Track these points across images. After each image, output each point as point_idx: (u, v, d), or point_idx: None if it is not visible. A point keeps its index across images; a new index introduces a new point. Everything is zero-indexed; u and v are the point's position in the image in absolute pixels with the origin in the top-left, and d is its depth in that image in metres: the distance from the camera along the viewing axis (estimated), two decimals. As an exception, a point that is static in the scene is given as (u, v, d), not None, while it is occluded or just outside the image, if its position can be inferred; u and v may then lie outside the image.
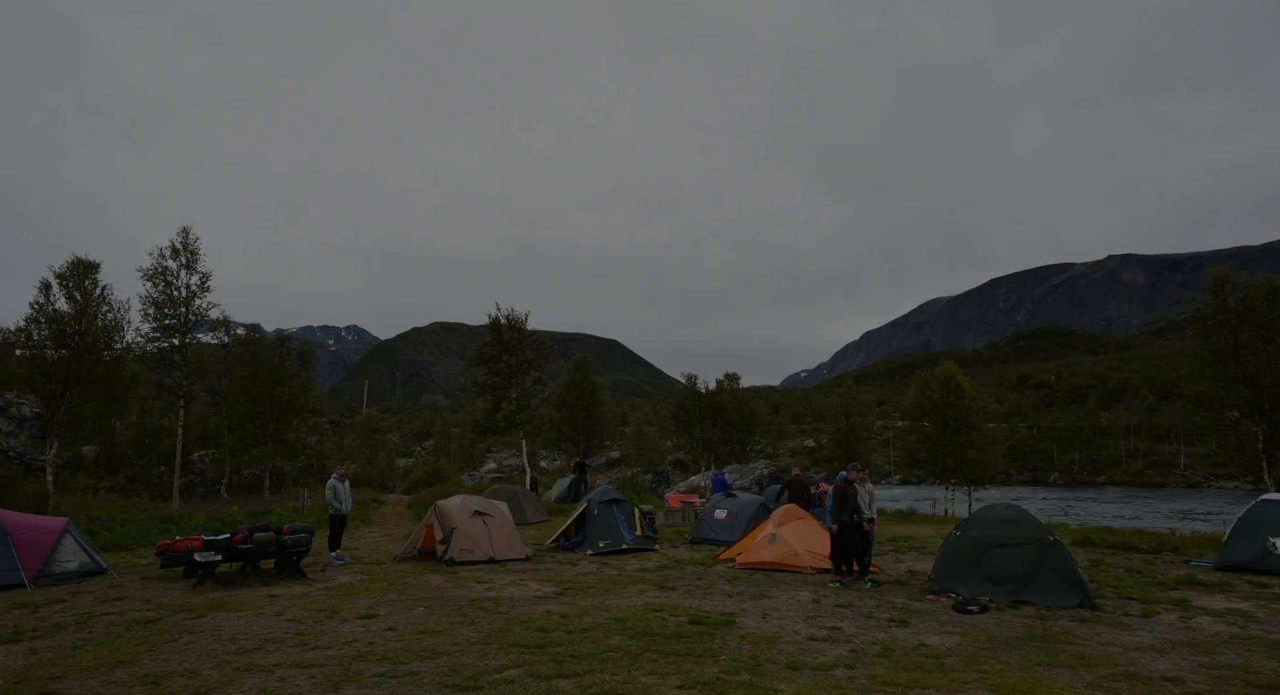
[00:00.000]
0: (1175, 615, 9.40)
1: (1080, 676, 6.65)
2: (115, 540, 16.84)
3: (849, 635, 8.26)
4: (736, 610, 9.65)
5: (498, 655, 7.33)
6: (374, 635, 8.32)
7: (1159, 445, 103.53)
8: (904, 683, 6.37)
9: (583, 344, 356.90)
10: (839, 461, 46.79)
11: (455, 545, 14.01)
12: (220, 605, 10.19)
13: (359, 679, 6.58)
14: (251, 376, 31.21)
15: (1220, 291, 25.43)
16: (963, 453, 37.95)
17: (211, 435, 32.45)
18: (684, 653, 7.36)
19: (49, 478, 20.80)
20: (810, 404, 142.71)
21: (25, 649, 7.88)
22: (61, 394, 20.88)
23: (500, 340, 36.45)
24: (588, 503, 17.02)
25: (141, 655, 7.53)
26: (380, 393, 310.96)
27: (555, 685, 6.30)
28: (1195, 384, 26.74)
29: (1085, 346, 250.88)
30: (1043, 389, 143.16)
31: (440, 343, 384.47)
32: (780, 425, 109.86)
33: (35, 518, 12.96)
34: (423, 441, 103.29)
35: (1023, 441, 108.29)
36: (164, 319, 25.19)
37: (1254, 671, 6.81)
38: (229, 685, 6.45)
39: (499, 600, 10.47)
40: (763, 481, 38.84)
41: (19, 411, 32.07)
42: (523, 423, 36.93)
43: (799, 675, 6.62)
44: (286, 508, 23.39)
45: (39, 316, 21.50)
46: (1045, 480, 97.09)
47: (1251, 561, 12.55)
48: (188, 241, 25.82)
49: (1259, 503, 13.33)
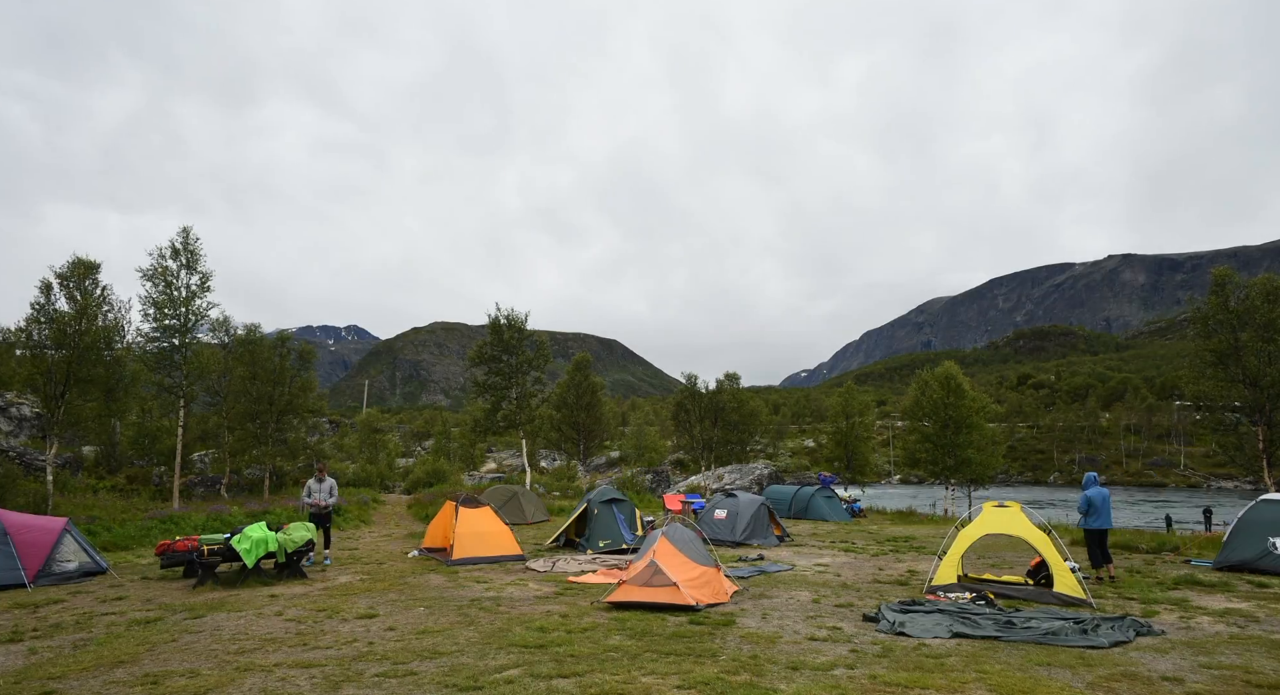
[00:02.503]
0: (1175, 615, 9.40)
1: (1080, 676, 6.65)
2: (115, 540, 16.83)
3: (849, 635, 8.26)
4: (736, 610, 9.65)
5: (498, 655, 7.33)
6: (374, 635, 8.32)
7: (1159, 445, 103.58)
8: (904, 683, 6.36)
9: (583, 344, 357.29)
10: (839, 461, 46.84)
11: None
12: (220, 605, 10.19)
13: (359, 679, 6.58)
14: (251, 376, 31.19)
15: (1220, 291, 25.41)
16: (963, 453, 37.98)
17: (211, 435, 32.42)
18: (684, 653, 7.36)
19: (49, 478, 20.78)
20: (810, 404, 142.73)
21: (25, 649, 7.88)
22: (61, 394, 20.86)
23: (500, 340, 36.48)
24: (588, 503, 17.05)
25: (141, 655, 7.53)
26: (380, 393, 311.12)
27: (555, 685, 6.30)
28: (1195, 384, 26.72)
29: (1085, 346, 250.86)
30: (1043, 389, 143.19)
31: (440, 343, 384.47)
32: (780, 425, 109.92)
33: (35, 518, 12.95)
34: (423, 441, 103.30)
35: (1023, 441, 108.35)
36: (164, 319, 25.18)
37: (1254, 671, 6.81)
38: (229, 685, 6.45)
39: (499, 600, 10.47)
40: (762, 481, 38.86)
41: (19, 411, 32.07)
42: (523, 423, 36.95)
43: (799, 675, 6.62)
44: (286, 508, 23.37)
45: (39, 317, 21.48)
46: (1045, 480, 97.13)
47: (1251, 561, 12.56)
48: (188, 242, 25.80)
49: (1259, 503, 13.34)
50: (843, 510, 25.96)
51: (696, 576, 10.12)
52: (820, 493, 26.12)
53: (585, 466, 47.44)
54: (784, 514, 24.37)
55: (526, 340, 36.87)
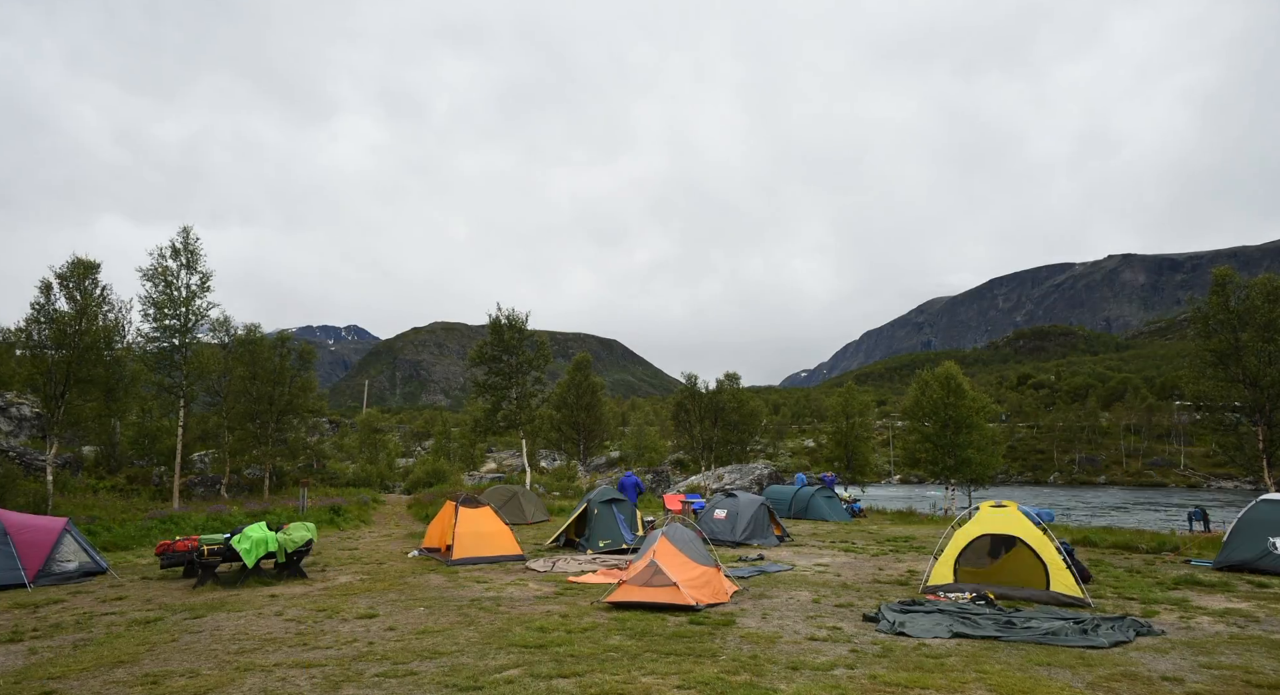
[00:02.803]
0: (1175, 615, 9.40)
1: (1080, 676, 6.65)
2: (115, 540, 16.85)
3: (849, 635, 8.26)
4: (736, 610, 9.65)
5: (498, 655, 7.33)
6: (374, 635, 8.32)
7: (1159, 445, 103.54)
8: (904, 683, 6.36)
9: (583, 344, 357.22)
10: (839, 461, 46.86)
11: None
12: (220, 605, 10.19)
13: (359, 679, 6.58)
14: (251, 376, 31.22)
15: (1220, 291, 25.42)
16: (963, 453, 37.98)
17: (211, 435, 32.41)
18: (684, 653, 7.36)
19: (49, 478, 20.79)
20: (810, 404, 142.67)
21: (25, 649, 7.89)
22: (61, 394, 20.87)
23: (500, 340, 36.51)
24: (588, 503, 17.05)
25: (141, 655, 7.53)
26: (380, 393, 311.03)
27: (555, 685, 6.30)
28: (1195, 384, 26.72)
29: (1085, 346, 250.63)
30: (1043, 389, 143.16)
31: (440, 343, 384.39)
32: (780, 425, 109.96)
33: (35, 518, 12.96)
34: (423, 441, 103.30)
35: (1023, 441, 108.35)
36: (164, 319, 25.19)
37: (1254, 671, 6.81)
38: (229, 685, 6.45)
39: (499, 600, 10.48)
40: (762, 481, 38.86)
41: (19, 411, 32.07)
42: (523, 423, 36.96)
43: (799, 675, 6.62)
44: (286, 508, 23.37)
45: (39, 317, 21.49)
46: (1045, 480, 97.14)
47: (1251, 561, 12.56)
48: (188, 242, 25.81)
49: (1259, 503, 13.33)
50: (843, 510, 25.95)
51: (696, 576, 10.12)
52: (820, 493, 26.11)
53: (585, 466, 47.46)
54: (784, 514, 24.36)
55: (526, 340, 36.90)
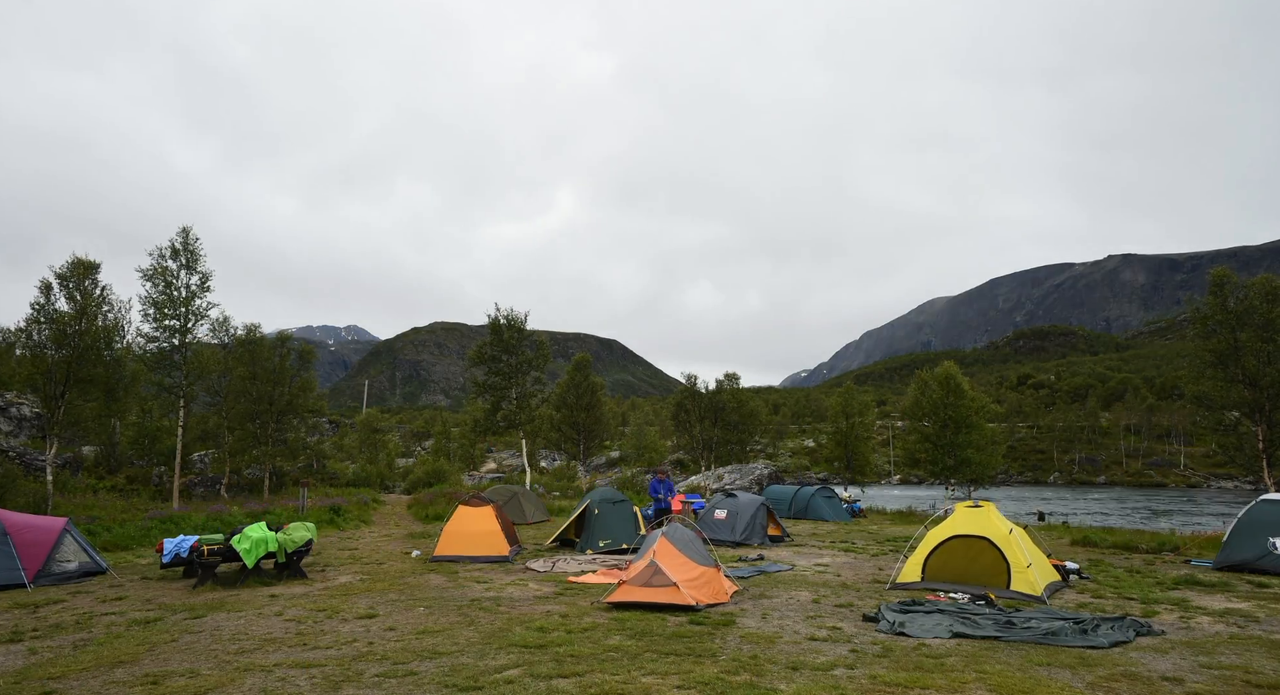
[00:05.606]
0: (1175, 615, 9.40)
1: (1080, 676, 6.65)
2: (115, 540, 16.84)
3: (849, 635, 8.26)
4: (736, 610, 9.65)
5: (498, 655, 7.33)
6: (374, 635, 8.32)
7: (1159, 445, 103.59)
8: (904, 683, 6.36)
9: (583, 344, 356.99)
10: (839, 461, 46.87)
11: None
12: (220, 605, 10.19)
13: (359, 679, 6.58)
14: (251, 376, 31.23)
15: (1220, 291, 25.43)
16: (963, 453, 38.00)
17: (211, 435, 32.43)
18: (684, 653, 7.36)
19: (49, 478, 20.80)
20: (810, 404, 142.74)
21: (25, 649, 7.89)
22: (61, 394, 20.89)
23: (500, 340, 36.50)
24: (588, 503, 17.05)
25: (141, 655, 7.53)
26: (380, 393, 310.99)
27: (555, 685, 6.30)
28: (1195, 384, 26.73)
29: (1085, 346, 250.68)
30: (1043, 389, 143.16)
31: (440, 343, 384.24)
32: (780, 425, 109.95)
33: (35, 518, 12.96)
34: (423, 441, 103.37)
35: (1023, 441, 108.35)
36: (164, 319, 25.20)
37: (1254, 671, 6.81)
38: (229, 685, 6.45)
39: (499, 600, 10.48)
40: (762, 481, 38.86)
41: (19, 411, 32.07)
42: (523, 423, 36.96)
43: (799, 675, 6.61)
44: (286, 508, 23.37)
45: (39, 317, 21.50)
46: (1045, 480, 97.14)
47: (1251, 561, 12.56)
48: (188, 242, 25.82)
49: (1259, 503, 13.33)
50: (843, 510, 25.96)
51: (696, 576, 10.12)
52: (820, 493, 26.16)
53: (585, 466, 47.45)
54: (784, 514, 24.36)
55: (526, 340, 36.90)
